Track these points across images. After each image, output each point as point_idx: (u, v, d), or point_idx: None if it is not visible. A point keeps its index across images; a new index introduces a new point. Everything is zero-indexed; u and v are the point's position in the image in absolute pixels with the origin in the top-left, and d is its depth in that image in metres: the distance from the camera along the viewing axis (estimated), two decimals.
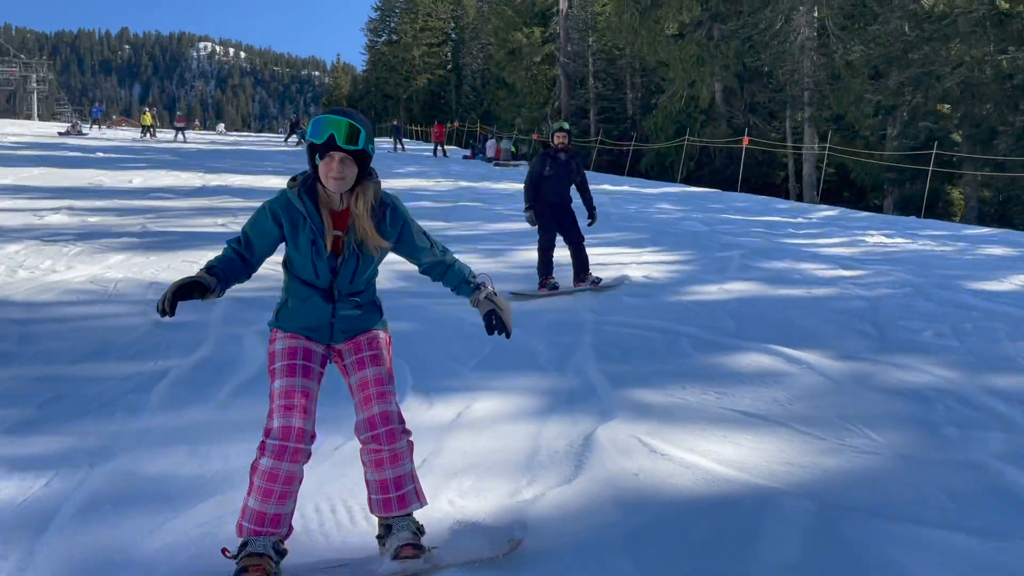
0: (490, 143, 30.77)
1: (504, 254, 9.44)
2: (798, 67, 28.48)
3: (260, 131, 65.73)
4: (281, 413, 2.49)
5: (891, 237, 12.03)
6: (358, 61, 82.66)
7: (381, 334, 2.74)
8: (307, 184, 2.57)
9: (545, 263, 7.30)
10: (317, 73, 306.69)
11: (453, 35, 73.64)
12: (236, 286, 2.61)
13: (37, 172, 17.29)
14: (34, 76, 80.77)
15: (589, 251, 7.51)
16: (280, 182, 18.01)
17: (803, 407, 4.29)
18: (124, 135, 39.67)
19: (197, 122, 63.38)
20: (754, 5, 29.97)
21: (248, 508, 2.51)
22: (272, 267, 3.00)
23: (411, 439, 2.65)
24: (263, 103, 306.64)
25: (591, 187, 7.90)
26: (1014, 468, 3.52)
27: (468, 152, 34.04)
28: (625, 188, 21.38)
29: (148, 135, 36.63)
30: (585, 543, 2.74)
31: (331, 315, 2.62)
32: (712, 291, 7.49)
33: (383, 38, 75.58)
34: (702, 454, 3.58)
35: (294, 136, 34.62)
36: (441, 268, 2.80)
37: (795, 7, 28.38)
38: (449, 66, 72.08)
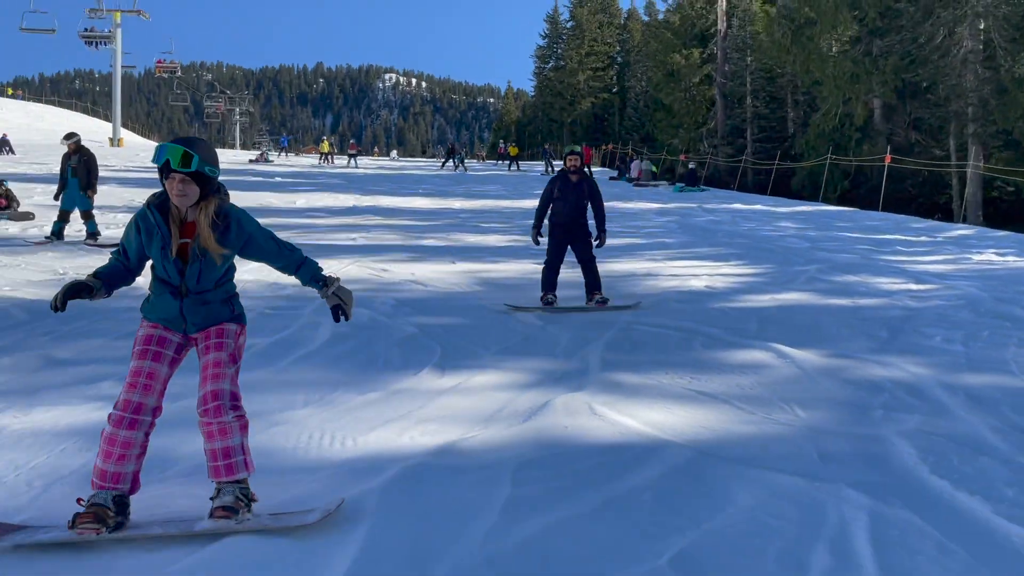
0: (634, 164, 31.44)
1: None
2: (960, 81, 27.19)
3: (433, 157, 69.53)
4: (126, 389, 2.99)
5: (1004, 255, 11.76)
6: (530, 87, 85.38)
7: (230, 326, 3.18)
8: (160, 200, 3.07)
9: (546, 280, 7.55)
10: (492, 100, 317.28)
11: (619, 59, 74.76)
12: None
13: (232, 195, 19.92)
14: (237, 109, 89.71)
15: (670, 263, 8.18)
16: (427, 203, 19.78)
17: (757, 391, 4.92)
18: (306, 162, 43.64)
19: (377, 148, 68.08)
20: (915, 19, 28.93)
21: (96, 466, 2.98)
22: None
23: (243, 416, 3.07)
24: (441, 130, 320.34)
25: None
26: (905, 441, 4.05)
27: (615, 173, 34.85)
28: (757, 207, 21.48)
29: (326, 161, 40.19)
30: (486, 466, 3.63)
31: (179, 309, 3.07)
32: (761, 299, 8.02)
33: (550, 64, 77.98)
34: (634, 418, 4.35)
35: (451, 161, 36.84)
36: (293, 267, 3.26)
37: (959, 20, 27.18)
38: (615, 89, 73.18)
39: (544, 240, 7.85)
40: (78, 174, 11.04)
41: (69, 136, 11.45)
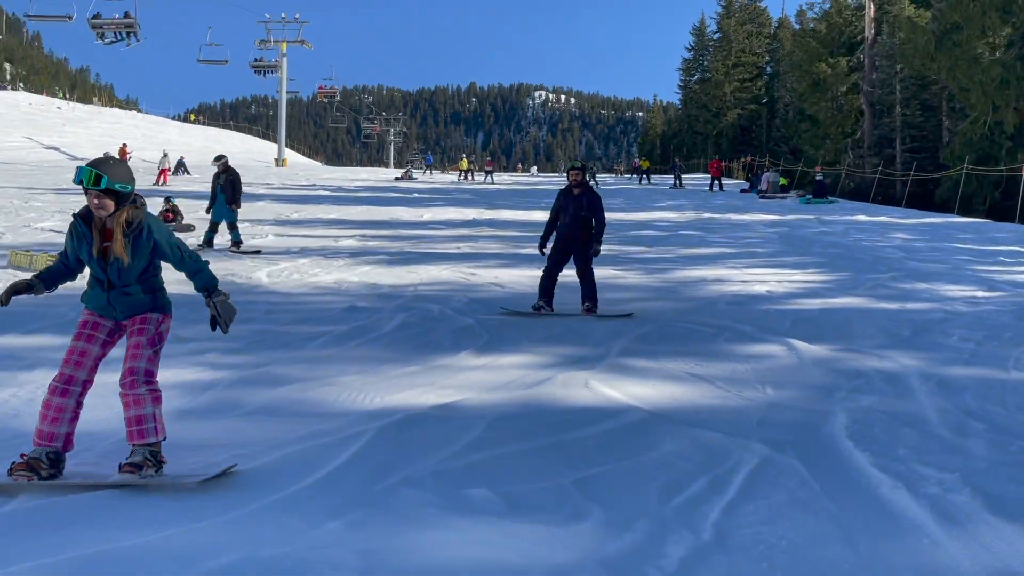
0: (764, 176, 31.22)
1: (664, 272, 10.93)
2: None
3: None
4: (62, 364, 3.55)
5: None
6: (677, 100, 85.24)
7: (152, 315, 3.68)
8: (85, 211, 3.58)
9: (541, 286, 7.92)
10: (641, 114, 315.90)
11: (768, 69, 73.38)
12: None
13: (359, 209, 21.80)
14: (392, 130, 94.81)
15: (747, 271, 8.57)
16: (544, 215, 20.84)
17: (745, 375, 5.55)
18: (447, 179, 45.89)
19: (520, 165, 70.25)
20: None
21: (36, 427, 3.54)
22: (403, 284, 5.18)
23: (156, 390, 3.58)
24: (589, 145, 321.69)
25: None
26: (845, 415, 4.62)
27: (747, 185, 34.63)
28: (881, 218, 21.09)
29: (465, 178, 42.18)
30: (470, 417, 4.54)
31: (107, 300, 3.60)
32: (811, 303, 8.46)
33: (695, 76, 77.58)
34: (619, 391, 5.13)
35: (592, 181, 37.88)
36: (191, 275, 3.75)
37: None
38: (764, 100, 71.84)
39: (549, 250, 8.12)
40: (225, 191, 12.83)
41: (218, 158, 13.31)
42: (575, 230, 7.89)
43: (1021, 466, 3.83)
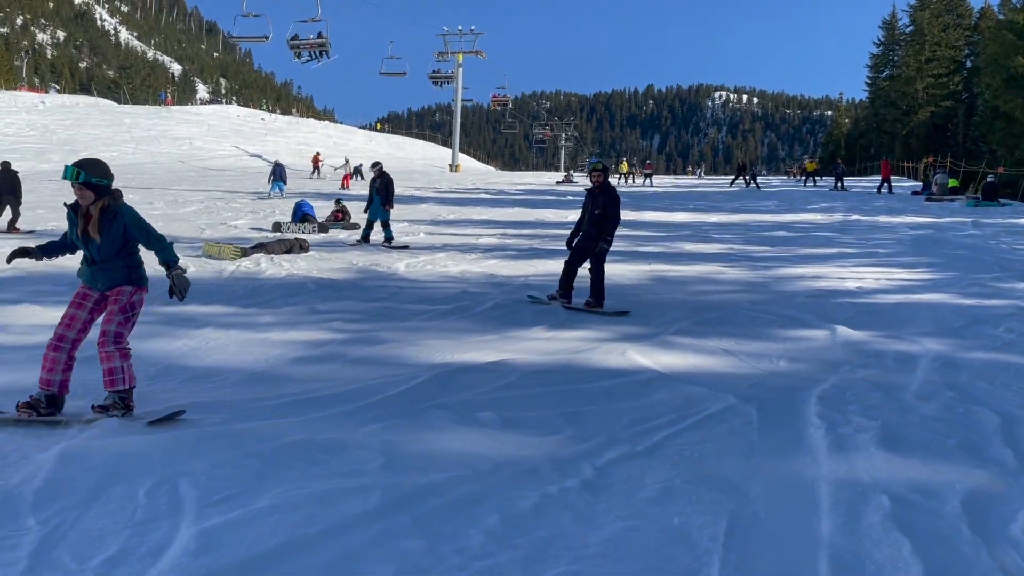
0: (936, 177, 29.84)
1: (768, 269, 11.48)
2: None
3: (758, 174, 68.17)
4: (57, 326, 4.41)
5: None
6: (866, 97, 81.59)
7: (126, 287, 4.42)
8: (75, 201, 4.37)
9: (560, 279, 8.51)
10: (829, 112, 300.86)
11: (967, 63, 68.60)
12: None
13: (511, 211, 23.31)
14: (563, 135, 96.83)
15: (852, 269, 9.10)
16: (684, 217, 21.45)
17: (772, 351, 6.31)
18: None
19: (690, 168, 69.77)
20: None
21: (40, 375, 4.38)
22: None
23: (124, 348, 4.36)
24: (772, 146, 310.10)
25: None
26: (830, 382, 5.33)
27: (919, 187, 33.11)
28: None
29: (625, 181, 42.96)
30: (507, 371, 5.66)
31: (91, 273, 4.40)
32: (891, 298, 8.86)
33: (884, 72, 73.82)
34: (649, 359, 6.06)
35: (740, 179, 37.54)
36: (156, 252, 4.51)
37: None
38: (963, 96, 67.28)
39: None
40: (380, 193, 14.63)
41: (374, 165, 15.17)
42: (590, 228, 8.30)
43: (948, 423, 4.47)
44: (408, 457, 3.87)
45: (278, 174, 27.43)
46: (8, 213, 15.55)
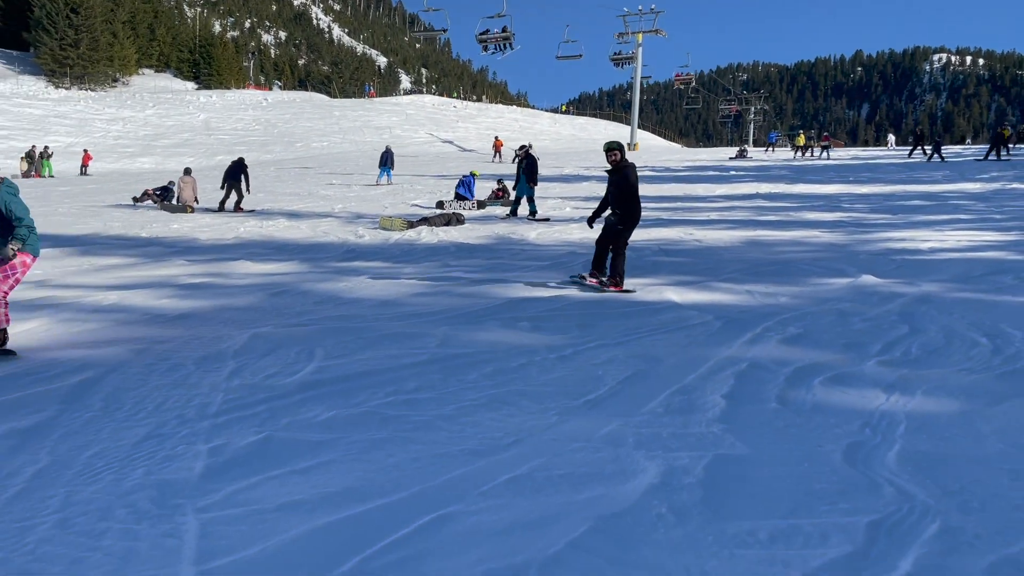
0: None
1: (861, 232, 12.45)
2: None
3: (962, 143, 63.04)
4: None
5: None
6: None
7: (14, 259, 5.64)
8: None
9: (596, 258, 8.59)
10: None
11: None
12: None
13: (666, 187, 24.73)
14: (752, 109, 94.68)
15: (946, 233, 9.96)
16: (832, 189, 21.95)
17: (786, 292, 7.77)
18: (785, 156, 46.34)
19: (892, 138, 66.13)
20: None
21: None
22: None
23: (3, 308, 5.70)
24: (1000, 111, 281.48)
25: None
26: (813, 312, 6.81)
27: None
28: None
29: (801, 153, 42.50)
30: (566, 303, 7.59)
31: None
32: (956, 255, 9.81)
33: None
34: (681, 296, 7.75)
35: (919, 151, 36.15)
36: (15, 226, 5.61)
37: None
38: None
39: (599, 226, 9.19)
40: (526, 172, 16.80)
41: (521, 147, 17.35)
42: (614, 207, 8.50)
43: (863, 332, 5.91)
44: (455, 342, 5.97)
45: (386, 159, 27.89)
46: (234, 196, 19.33)
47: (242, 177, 19.56)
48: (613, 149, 8.59)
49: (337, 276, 9.54)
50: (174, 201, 20.42)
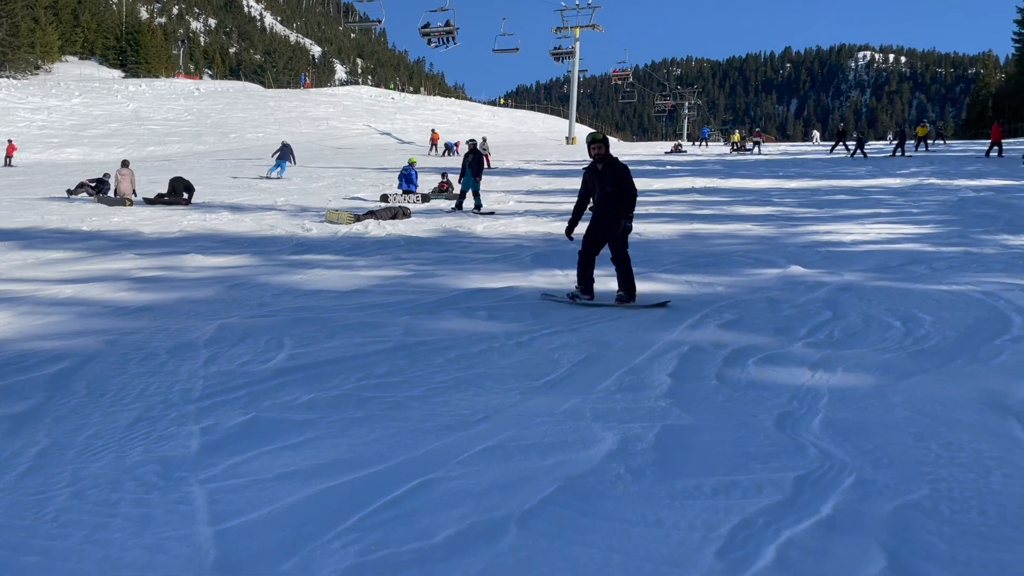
0: None
1: (790, 226, 13.20)
2: None
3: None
4: None
5: None
6: None
7: None
8: None
9: (581, 273, 7.55)
10: (983, 71, 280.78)
11: None
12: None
13: None
14: (686, 104, 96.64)
15: (866, 226, 10.64)
16: (763, 184, 22.96)
17: (721, 282, 8.33)
18: (720, 151, 47.68)
19: (816, 134, 68.46)
20: None
21: None
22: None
23: None
24: (920, 107, 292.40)
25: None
26: (743, 298, 7.36)
27: None
28: None
29: (736, 149, 43.81)
30: (516, 293, 8.01)
31: None
32: (872, 247, 10.53)
33: None
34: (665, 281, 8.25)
35: (842, 147, 37.72)
36: None
37: None
38: None
39: (579, 234, 7.78)
40: (472, 166, 17.15)
41: (469, 141, 17.70)
42: (606, 209, 7.37)
43: (790, 318, 6.48)
44: (418, 330, 6.33)
45: (283, 154, 27.32)
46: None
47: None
48: (599, 141, 7.38)
49: (291, 269, 9.77)
50: (111, 194, 20.14)
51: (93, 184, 21.01)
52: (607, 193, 7.38)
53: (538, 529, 3.01)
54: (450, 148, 43.00)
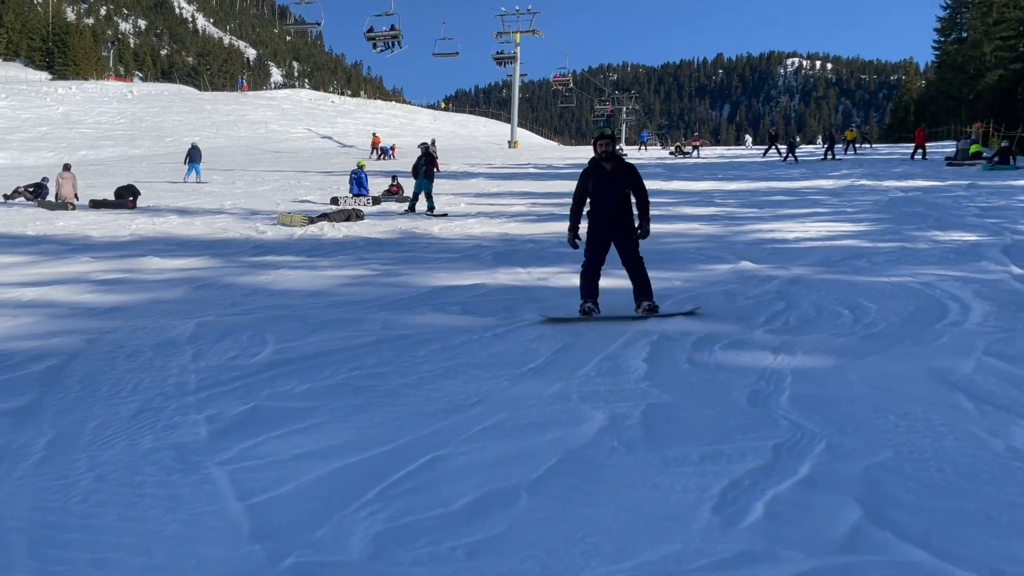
0: (960, 142, 30.93)
1: (737, 225, 13.75)
2: None
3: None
4: None
5: None
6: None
7: None
8: None
9: (585, 286, 6.83)
10: (905, 77, 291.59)
11: None
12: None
13: (552, 183, 25.75)
14: (624, 108, 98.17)
15: (805, 224, 11.18)
16: (703, 186, 23.68)
17: (679, 277, 8.72)
18: (655, 154, 48.67)
19: (749, 138, 70.45)
20: None
21: None
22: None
23: None
24: (847, 112, 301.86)
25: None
26: (703, 290, 7.75)
27: (952, 154, 34.11)
28: None
29: (676, 153, 44.81)
30: (486, 290, 8.27)
31: None
32: (813, 244, 11.10)
33: (951, 36, 73.20)
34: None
35: (774, 150, 38.98)
36: None
37: None
38: None
39: (583, 242, 7.00)
40: (424, 168, 17.33)
41: (421, 144, 17.89)
42: (617, 213, 6.74)
43: (747, 308, 6.88)
44: (397, 325, 6.53)
45: (192, 156, 26.91)
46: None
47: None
48: (608, 137, 6.72)
49: (255, 270, 9.84)
50: (52, 198, 19.69)
51: (31, 189, 20.50)
52: (621, 195, 6.71)
53: (549, 494, 3.27)
54: (385, 152, 42.92)
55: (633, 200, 6.86)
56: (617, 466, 3.55)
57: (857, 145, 41.43)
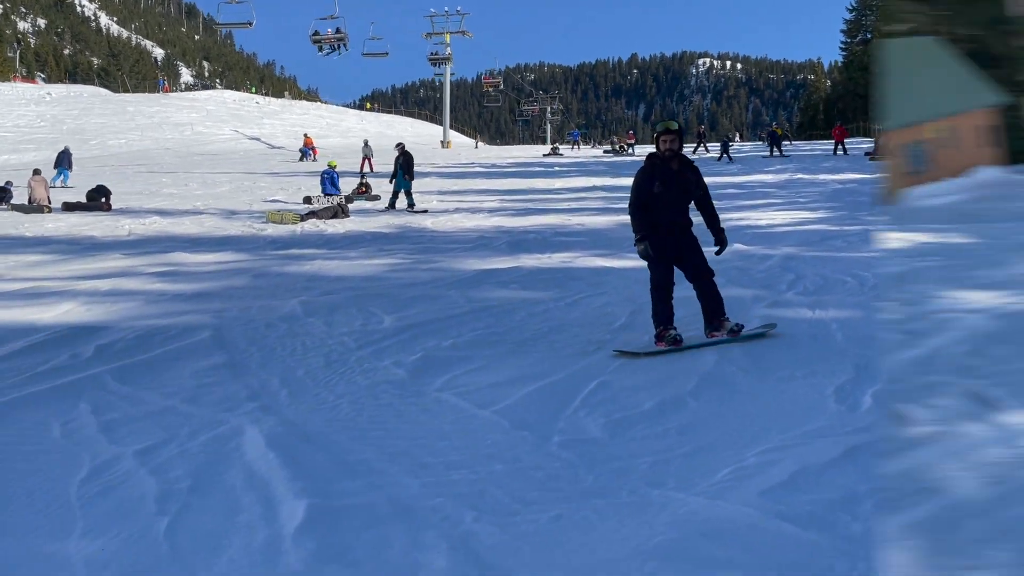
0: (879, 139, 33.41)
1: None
2: None
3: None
4: None
5: None
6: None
7: None
8: None
9: (662, 309, 5.73)
10: (812, 77, 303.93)
11: None
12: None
13: (506, 181, 26.88)
14: (548, 109, 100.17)
15: (770, 213, 12.61)
16: (597, 181, 25.24)
17: None
18: (592, 153, 50.41)
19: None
20: None
21: None
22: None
23: None
24: (756, 111, 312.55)
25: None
26: None
27: (872, 149, 36.80)
28: None
29: (622, 152, 46.60)
30: (497, 271, 9.34)
31: None
32: (783, 228, 12.54)
33: (857, 37, 77.64)
34: (613, 263, 9.72)
35: (703, 148, 41.21)
36: None
37: None
38: None
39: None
40: (403, 167, 18.22)
41: (398, 145, 18.80)
42: (683, 220, 6.03)
43: (766, 277, 8.15)
44: (476, 299, 7.57)
45: (61, 160, 26.65)
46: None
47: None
48: (674, 132, 5.85)
49: (292, 261, 10.65)
50: (26, 201, 19.72)
51: None
52: (695, 198, 6.07)
53: (708, 398, 4.41)
54: (305, 154, 43.19)
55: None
56: (749, 381, 4.70)
57: (784, 143, 43.99)
